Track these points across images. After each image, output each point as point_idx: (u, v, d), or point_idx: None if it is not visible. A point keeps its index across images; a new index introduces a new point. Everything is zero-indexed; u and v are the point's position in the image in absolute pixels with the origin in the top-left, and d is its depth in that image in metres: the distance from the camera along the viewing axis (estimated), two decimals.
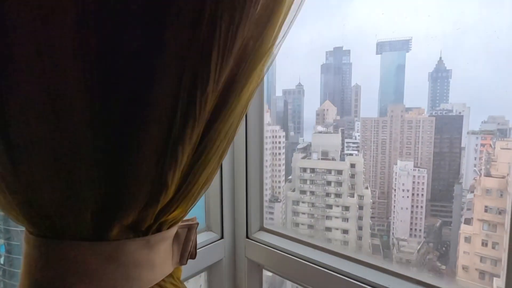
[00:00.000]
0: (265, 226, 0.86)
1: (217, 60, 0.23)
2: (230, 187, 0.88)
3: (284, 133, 7.55)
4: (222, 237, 0.83)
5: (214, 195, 0.87)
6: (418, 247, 9.41)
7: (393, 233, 10.10)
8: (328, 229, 7.83)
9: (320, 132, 9.24)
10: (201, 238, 0.82)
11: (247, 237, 0.84)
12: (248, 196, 0.87)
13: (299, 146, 9.12)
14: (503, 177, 5.36)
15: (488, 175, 5.58)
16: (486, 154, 6.41)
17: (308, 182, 8.10)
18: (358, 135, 11.21)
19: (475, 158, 8.18)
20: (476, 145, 8.23)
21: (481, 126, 8.70)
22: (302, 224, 8.12)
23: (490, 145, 6.86)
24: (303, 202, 8.12)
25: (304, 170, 8.25)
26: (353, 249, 7.49)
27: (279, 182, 9.21)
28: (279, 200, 8.69)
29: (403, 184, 9.94)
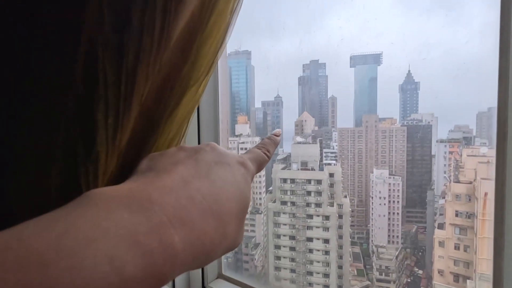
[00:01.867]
0: (224, 273, 0.74)
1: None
2: None
3: None
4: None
5: None
6: (396, 253, 9.65)
7: (372, 241, 10.31)
8: (309, 239, 7.84)
9: (299, 143, 9.38)
10: None
11: (203, 287, 0.73)
12: None
13: (279, 157, 9.19)
14: (470, 183, 5.67)
15: (457, 181, 5.88)
16: (454, 161, 6.78)
17: (288, 192, 8.13)
18: (336, 145, 11.52)
19: (445, 165, 8.63)
20: (445, 152, 8.71)
21: (448, 134, 9.24)
22: (284, 235, 8.08)
23: (458, 153, 7.27)
24: (284, 213, 8.12)
25: (285, 180, 8.29)
26: (334, 259, 7.52)
27: (260, 193, 9.18)
28: (260, 211, 8.63)
29: (379, 192, 10.26)
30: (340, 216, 7.72)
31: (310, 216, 7.82)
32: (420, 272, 10.46)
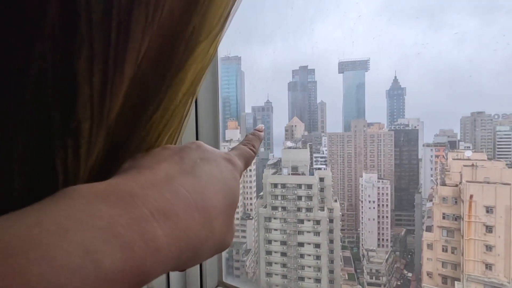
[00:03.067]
0: (224, 280, 0.70)
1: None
2: None
3: None
4: None
5: None
6: (386, 256, 9.74)
7: (362, 244, 10.38)
8: (301, 244, 7.83)
9: (290, 148, 9.43)
10: None
11: None
12: None
13: (269, 162, 9.19)
14: (456, 185, 5.81)
15: (443, 184, 6.02)
16: (440, 165, 6.95)
17: (279, 197, 8.13)
18: (326, 150, 11.62)
19: (431, 169, 8.83)
20: (431, 156, 8.92)
21: (434, 139, 9.47)
22: (275, 241, 8.05)
23: (443, 156, 7.45)
24: (275, 218, 8.10)
25: (275, 185, 8.29)
26: (325, 263, 7.53)
27: (251, 199, 9.14)
28: (251, 217, 8.58)
29: (369, 196, 10.38)
30: (331, 221, 7.76)
31: (301, 221, 7.82)
32: (410, 274, 10.59)
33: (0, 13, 0.11)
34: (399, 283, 9.93)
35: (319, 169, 9.23)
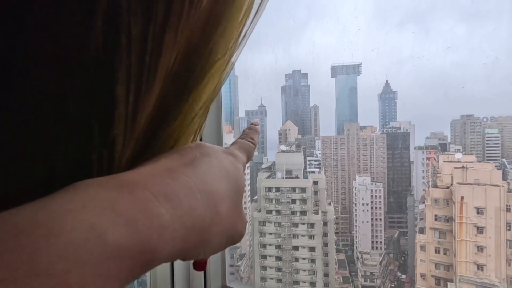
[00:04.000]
0: (228, 284, 0.69)
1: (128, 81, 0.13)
2: None
3: None
4: None
5: None
6: (380, 259, 9.79)
7: (356, 247, 10.42)
8: (295, 248, 7.81)
9: (284, 151, 9.44)
10: None
11: None
12: None
13: (263, 166, 9.19)
14: (448, 187, 5.90)
15: (435, 186, 6.10)
16: (432, 167, 7.05)
17: (273, 201, 8.11)
18: (319, 153, 11.68)
19: (423, 171, 8.95)
20: (423, 159, 9.05)
21: (425, 141, 9.62)
22: (270, 245, 8.02)
23: (435, 159, 7.57)
24: (269, 222, 8.07)
25: (269, 189, 8.27)
26: (320, 267, 7.52)
27: (245, 203, 9.10)
28: None
29: (362, 198, 10.45)
30: (325, 224, 7.77)
31: (295, 225, 7.81)
32: (403, 276, 10.64)
33: (51, 26, 0.12)
34: (393, 285, 9.97)
35: (313, 172, 9.26)
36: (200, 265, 0.23)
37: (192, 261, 0.23)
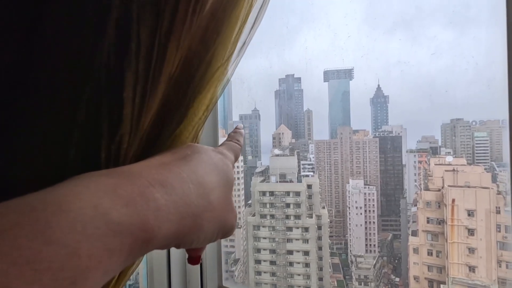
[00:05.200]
0: (224, 285, 0.70)
1: (134, 89, 0.15)
2: None
3: (242, 157, 7.52)
4: None
5: (157, 250, 0.69)
6: (374, 262, 9.82)
7: (350, 251, 10.44)
8: (290, 252, 7.78)
9: (277, 155, 9.44)
10: None
11: None
12: None
13: (257, 170, 9.17)
14: (439, 190, 5.98)
15: (426, 189, 6.18)
16: (424, 170, 7.14)
17: (267, 205, 8.08)
18: (313, 157, 11.73)
19: (415, 174, 9.07)
20: (415, 162, 9.17)
21: (417, 145, 9.76)
22: (264, 249, 7.96)
23: (426, 162, 7.68)
24: (263, 227, 8.03)
25: (264, 193, 8.24)
26: (314, 271, 7.50)
27: (239, 207, 9.05)
28: (239, 226, 8.48)
29: (356, 202, 10.50)
30: (319, 227, 7.77)
31: (289, 229, 7.79)
32: (397, 279, 10.68)
33: (67, 35, 0.13)
34: None
35: (307, 176, 9.29)
36: (194, 259, 0.23)
37: (187, 257, 0.24)
